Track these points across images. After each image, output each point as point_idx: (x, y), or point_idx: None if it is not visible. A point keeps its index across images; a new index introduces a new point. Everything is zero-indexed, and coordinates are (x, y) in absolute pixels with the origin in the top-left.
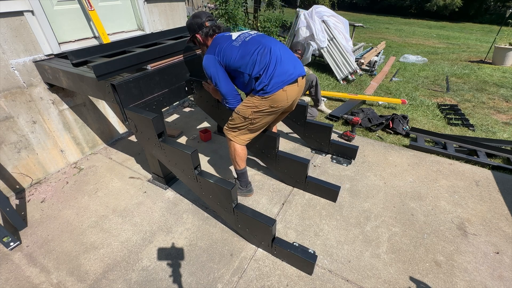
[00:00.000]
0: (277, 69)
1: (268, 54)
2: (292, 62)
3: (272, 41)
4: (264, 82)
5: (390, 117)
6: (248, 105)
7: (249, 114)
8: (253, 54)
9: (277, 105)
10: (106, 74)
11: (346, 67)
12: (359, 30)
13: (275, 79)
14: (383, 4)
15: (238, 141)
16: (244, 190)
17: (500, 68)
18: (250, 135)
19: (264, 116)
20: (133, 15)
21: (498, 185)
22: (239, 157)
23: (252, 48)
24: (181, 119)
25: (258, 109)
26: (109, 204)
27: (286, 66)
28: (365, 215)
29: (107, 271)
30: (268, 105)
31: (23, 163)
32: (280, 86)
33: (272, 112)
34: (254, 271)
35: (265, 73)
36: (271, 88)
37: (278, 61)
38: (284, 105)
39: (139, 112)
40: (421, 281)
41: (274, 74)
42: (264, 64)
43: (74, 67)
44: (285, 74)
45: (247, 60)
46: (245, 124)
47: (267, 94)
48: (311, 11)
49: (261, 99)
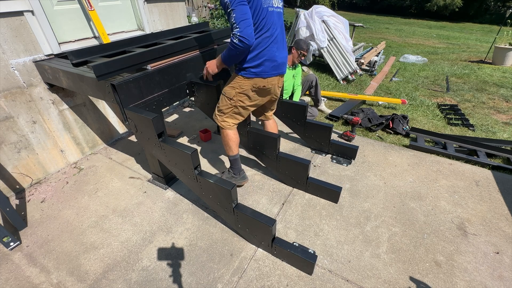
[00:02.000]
0: (270, 59)
1: (271, 40)
2: (284, 59)
3: (281, 29)
4: (252, 64)
5: (390, 117)
6: (233, 85)
7: (233, 95)
8: (263, 29)
9: (258, 86)
10: (106, 74)
11: (346, 67)
12: (359, 30)
13: (262, 68)
14: (383, 4)
15: (226, 125)
16: (238, 177)
17: (500, 68)
18: (237, 118)
19: (247, 98)
20: (133, 15)
21: (498, 185)
22: (232, 141)
23: (275, 25)
24: (181, 119)
25: (241, 89)
26: (109, 204)
27: (278, 61)
28: (365, 215)
29: (107, 271)
30: (250, 85)
31: (23, 163)
32: (263, 75)
33: (255, 94)
34: (254, 271)
35: (257, 55)
36: (253, 73)
37: (273, 52)
38: (267, 86)
39: (139, 112)
40: (421, 281)
41: (264, 63)
42: (263, 46)
43: (74, 67)
44: (273, 67)
45: (265, 27)
46: (230, 107)
47: (249, 76)
48: (311, 11)
49: (243, 79)
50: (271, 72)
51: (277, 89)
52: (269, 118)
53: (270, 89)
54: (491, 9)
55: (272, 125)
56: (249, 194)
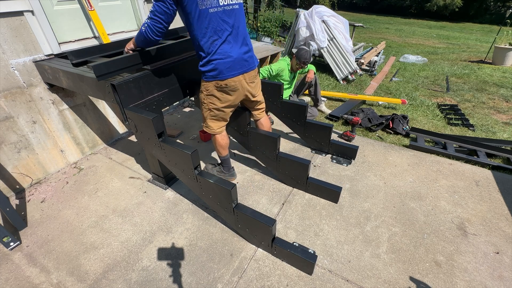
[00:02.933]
0: (223, 58)
1: (220, 42)
2: (242, 54)
3: (235, 26)
4: (207, 68)
5: (390, 117)
6: (201, 89)
7: (203, 99)
8: (209, 34)
9: (220, 85)
10: (106, 74)
11: (346, 67)
12: (359, 30)
13: (218, 71)
14: (383, 4)
15: (210, 130)
16: (227, 174)
17: (500, 68)
18: (218, 121)
19: (216, 99)
20: (133, 15)
21: (498, 185)
22: (219, 146)
23: (223, 25)
24: (181, 119)
25: (207, 92)
26: (109, 204)
27: (233, 56)
28: (365, 215)
29: (107, 271)
30: (212, 85)
31: (23, 163)
32: (221, 77)
33: (222, 93)
34: (254, 271)
35: (210, 61)
36: (211, 77)
37: (226, 51)
38: (229, 85)
39: (139, 112)
40: (421, 281)
41: (218, 66)
42: (213, 50)
43: (74, 67)
44: (230, 67)
45: (210, 31)
46: (206, 110)
47: (209, 80)
48: (311, 11)
49: (206, 82)
50: (228, 74)
51: (247, 87)
52: (258, 117)
53: (235, 86)
54: (491, 9)
55: (263, 123)
56: (249, 194)
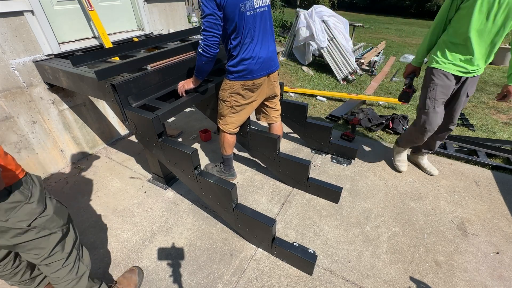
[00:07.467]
0: (254, 58)
1: (253, 44)
2: (270, 53)
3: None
4: (236, 69)
5: (390, 117)
6: (224, 87)
7: (226, 97)
8: (243, 36)
9: (247, 84)
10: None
11: (346, 67)
12: (359, 30)
13: (247, 71)
14: (383, 4)
15: (226, 129)
16: (227, 174)
17: (500, 68)
18: (237, 119)
19: (240, 96)
20: (133, 15)
21: (498, 185)
22: (227, 144)
23: (256, 26)
24: (181, 119)
25: (231, 90)
26: (109, 204)
27: (263, 56)
28: (365, 215)
29: (107, 271)
30: (239, 83)
31: (23, 163)
32: (249, 77)
33: (247, 91)
34: (254, 271)
35: (240, 62)
36: (239, 77)
37: (256, 52)
38: (256, 84)
39: (139, 112)
40: (421, 281)
41: (248, 66)
42: (244, 51)
43: (74, 67)
44: (260, 68)
45: (245, 33)
46: (227, 108)
47: (236, 80)
48: (311, 11)
49: (231, 81)
50: (257, 74)
51: (270, 86)
52: (275, 120)
53: (260, 84)
54: None
55: (277, 129)
56: (249, 194)
